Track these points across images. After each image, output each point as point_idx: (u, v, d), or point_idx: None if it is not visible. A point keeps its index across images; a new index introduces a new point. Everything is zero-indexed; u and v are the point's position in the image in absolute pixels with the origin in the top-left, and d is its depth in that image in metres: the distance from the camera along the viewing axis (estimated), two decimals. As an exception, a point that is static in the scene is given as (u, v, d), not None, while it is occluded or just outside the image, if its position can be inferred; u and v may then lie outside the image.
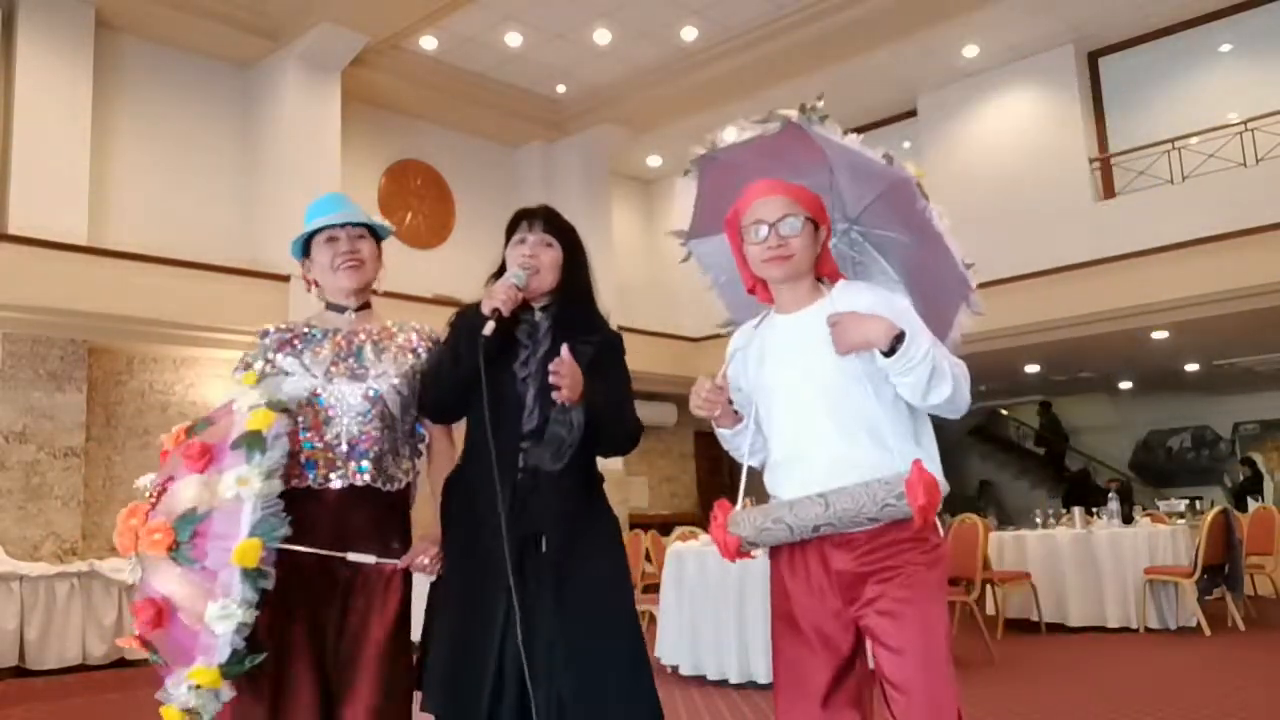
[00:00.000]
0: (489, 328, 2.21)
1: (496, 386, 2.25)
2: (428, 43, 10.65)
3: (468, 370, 2.23)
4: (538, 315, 2.37)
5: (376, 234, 2.50)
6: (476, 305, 2.33)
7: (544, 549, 2.23)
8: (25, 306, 7.97)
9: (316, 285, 2.50)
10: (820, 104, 2.10)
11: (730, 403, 2.22)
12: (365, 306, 2.50)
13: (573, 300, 2.39)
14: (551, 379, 2.20)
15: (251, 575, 1.93)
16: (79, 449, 8.46)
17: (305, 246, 2.48)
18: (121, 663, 7.23)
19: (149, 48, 9.75)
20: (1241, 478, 14.31)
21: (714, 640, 5.74)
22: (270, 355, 2.38)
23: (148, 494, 2.11)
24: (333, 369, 2.36)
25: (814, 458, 2.07)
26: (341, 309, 2.47)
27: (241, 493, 1.99)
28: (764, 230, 2.11)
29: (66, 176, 8.74)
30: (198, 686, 1.91)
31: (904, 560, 2.01)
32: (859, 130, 2.17)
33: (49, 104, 8.77)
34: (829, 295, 2.14)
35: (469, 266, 2.37)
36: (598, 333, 2.39)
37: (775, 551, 2.15)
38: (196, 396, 9.41)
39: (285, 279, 9.24)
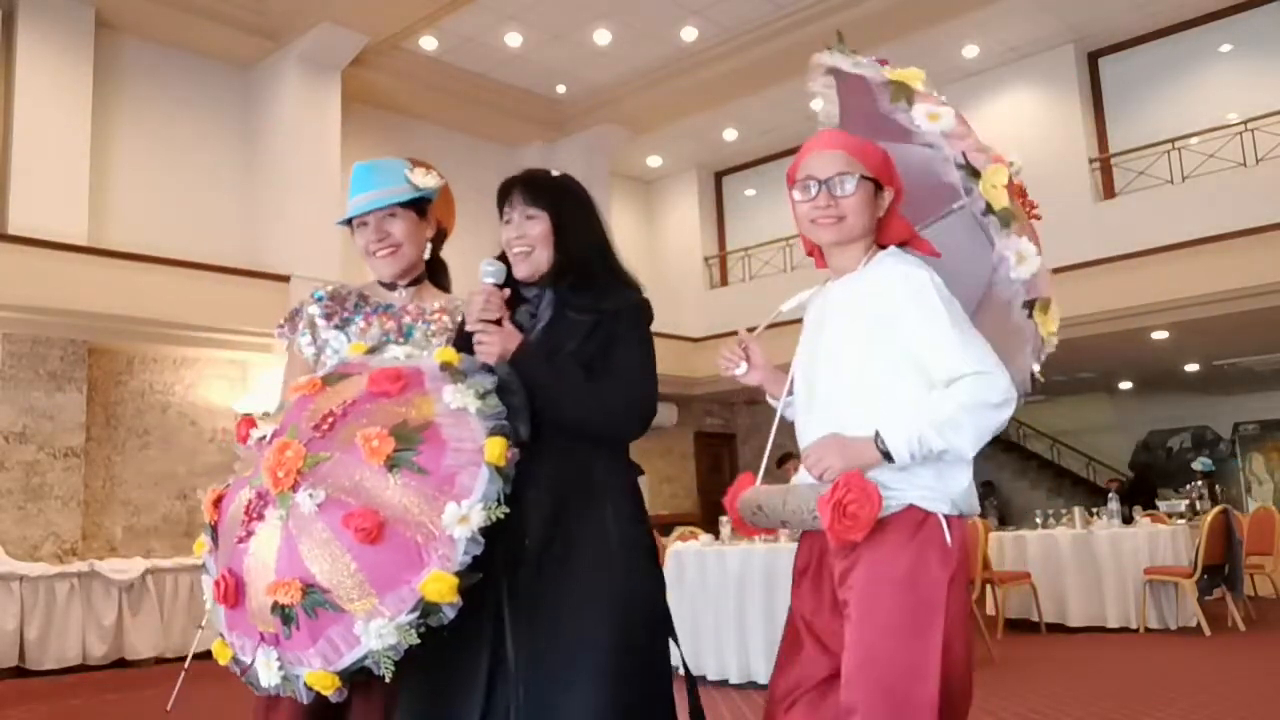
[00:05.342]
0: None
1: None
2: (428, 43, 10.65)
3: None
4: (534, 294, 2.08)
5: (420, 200, 2.26)
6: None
7: (528, 546, 1.89)
8: (25, 306, 7.96)
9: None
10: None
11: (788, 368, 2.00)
12: (417, 282, 2.30)
13: (573, 270, 2.04)
14: (471, 326, 1.96)
15: (498, 474, 1.76)
16: (79, 449, 8.46)
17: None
18: (121, 663, 7.25)
19: (149, 48, 9.75)
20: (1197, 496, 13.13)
21: (714, 640, 5.74)
22: (318, 323, 2.22)
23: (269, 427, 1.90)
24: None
25: (806, 445, 1.87)
26: (392, 286, 2.28)
27: (466, 404, 1.82)
28: (814, 187, 1.88)
29: (66, 176, 8.74)
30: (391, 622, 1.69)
31: (879, 567, 1.73)
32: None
33: (49, 104, 8.76)
34: (864, 266, 1.89)
35: (469, 267, 2.22)
36: (607, 300, 2.03)
37: (801, 534, 1.96)
38: (196, 397, 9.41)
39: (285, 279, 9.24)
